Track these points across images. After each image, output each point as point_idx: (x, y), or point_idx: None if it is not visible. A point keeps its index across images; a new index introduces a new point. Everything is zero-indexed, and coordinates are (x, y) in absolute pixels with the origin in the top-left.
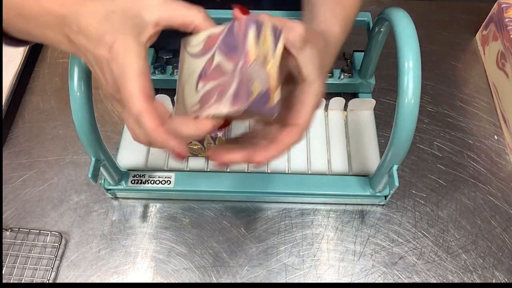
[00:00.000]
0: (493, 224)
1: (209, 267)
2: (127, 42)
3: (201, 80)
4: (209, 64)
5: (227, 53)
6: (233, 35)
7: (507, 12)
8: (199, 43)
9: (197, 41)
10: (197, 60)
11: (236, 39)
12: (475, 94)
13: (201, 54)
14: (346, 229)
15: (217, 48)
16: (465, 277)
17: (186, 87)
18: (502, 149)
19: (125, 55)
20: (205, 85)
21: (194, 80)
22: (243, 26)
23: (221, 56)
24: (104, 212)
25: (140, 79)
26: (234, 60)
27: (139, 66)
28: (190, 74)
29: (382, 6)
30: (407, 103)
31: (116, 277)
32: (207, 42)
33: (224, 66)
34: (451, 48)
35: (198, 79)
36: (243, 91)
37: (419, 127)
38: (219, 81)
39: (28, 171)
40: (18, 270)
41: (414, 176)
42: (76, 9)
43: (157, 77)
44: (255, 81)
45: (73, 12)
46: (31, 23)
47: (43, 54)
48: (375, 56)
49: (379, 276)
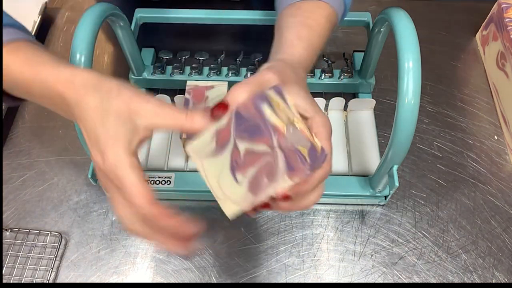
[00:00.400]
0: (493, 224)
1: (209, 267)
2: (119, 155)
3: (237, 172)
4: (235, 154)
5: (250, 137)
6: (245, 119)
7: (507, 12)
8: (208, 142)
9: (204, 141)
10: (218, 157)
11: (252, 120)
12: (475, 94)
13: (219, 150)
14: (346, 229)
15: (235, 138)
16: (465, 277)
17: (223, 186)
18: (502, 149)
19: (118, 168)
20: (245, 174)
21: (228, 175)
22: (251, 107)
23: (245, 142)
24: (104, 212)
25: (140, 187)
26: (264, 139)
27: (134, 176)
28: (220, 172)
29: (382, 6)
30: (407, 103)
31: (116, 277)
32: (219, 138)
33: (255, 149)
34: (451, 48)
35: (233, 172)
36: (294, 159)
37: (419, 127)
38: (261, 164)
39: (28, 171)
40: (18, 270)
41: (414, 176)
42: (78, 97)
43: (157, 77)
44: (299, 144)
45: (74, 100)
46: (37, 99)
47: None
48: (375, 56)
49: (379, 276)
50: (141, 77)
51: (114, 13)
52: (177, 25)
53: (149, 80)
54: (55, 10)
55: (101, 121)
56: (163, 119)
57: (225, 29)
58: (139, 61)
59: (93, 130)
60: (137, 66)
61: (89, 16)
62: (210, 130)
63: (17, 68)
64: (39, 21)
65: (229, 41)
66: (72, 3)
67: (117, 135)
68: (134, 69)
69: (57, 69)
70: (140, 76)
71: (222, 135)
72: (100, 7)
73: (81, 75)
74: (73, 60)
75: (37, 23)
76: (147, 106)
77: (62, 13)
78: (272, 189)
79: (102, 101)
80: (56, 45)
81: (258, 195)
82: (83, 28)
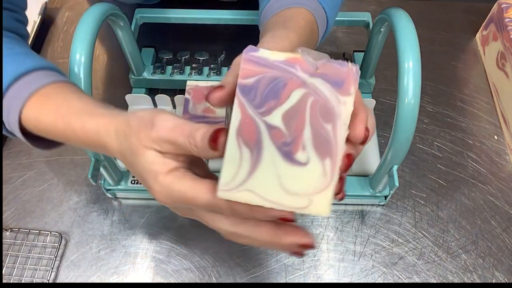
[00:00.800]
0: (493, 224)
1: (209, 267)
2: (162, 183)
3: (295, 152)
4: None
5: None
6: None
7: (507, 12)
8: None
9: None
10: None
11: (262, 79)
12: (475, 94)
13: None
14: (346, 229)
15: (261, 115)
16: (465, 277)
17: (292, 186)
18: (502, 149)
19: (170, 193)
20: (304, 144)
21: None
22: (251, 67)
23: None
24: (104, 212)
25: (198, 188)
26: (291, 83)
27: (186, 186)
28: (276, 173)
29: (382, 6)
30: (407, 103)
31: (116, 277)
32: (244, 136)
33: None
34: (451, 48)
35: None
36: (332, 73)
37: (419, 127)
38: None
39: (28, 171)
40: (18, 270)
41: (414, 176)
42: (109, 147)
43: (157, 77)
44: (321, 59)
45: (110, 149)
46: (75, 144)
47: (43, 54)
48: (375, 56)
49: (379, 276)
50: (141, 77)
51: (114, 13)
52: (177, 25)
53: (149, 80)
54: (55, 10)
55: (132, 163)
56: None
57: (225, 29)
58: (139, 61)
59: (136, 174)
60: (137, 66)
61: (89, 16)
62: (230, 141)
63: (49, 120)
64: (39, 21)
65: (229, 41)
66: (72, 3)
67: (150, 167)
68: (134, 69)
69: (86, 121)
70: (140, 76)
71: (245, 130)
72: (100, 7)
73: (104, 127)
74: (73, 60)
75: (37, 23)
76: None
77: (62, 13)
78: (342, 126)
79: (122, 145)
80: (56, 45)
81: (336, 149)
82: (83, 28)
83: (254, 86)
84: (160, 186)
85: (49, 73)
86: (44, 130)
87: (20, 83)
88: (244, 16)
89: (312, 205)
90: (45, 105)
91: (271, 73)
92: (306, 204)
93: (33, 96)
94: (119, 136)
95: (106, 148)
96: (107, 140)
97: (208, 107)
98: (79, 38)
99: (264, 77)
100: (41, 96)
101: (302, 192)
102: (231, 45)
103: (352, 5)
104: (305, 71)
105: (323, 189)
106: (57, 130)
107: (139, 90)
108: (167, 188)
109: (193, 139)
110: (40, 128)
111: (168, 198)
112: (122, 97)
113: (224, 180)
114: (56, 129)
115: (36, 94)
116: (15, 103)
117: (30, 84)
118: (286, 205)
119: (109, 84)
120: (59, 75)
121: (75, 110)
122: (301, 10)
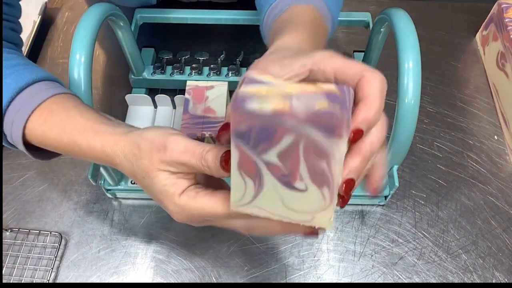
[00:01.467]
0: (493, 225)
1: (209, 267)
2: (178, 203)
3: (293, 182)
4: (274, 170)
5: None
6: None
7: (507, 12)
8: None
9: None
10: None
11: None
12: (475, 94)
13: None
14: (346, 230)
15: (257, 156)
16: (465, 277)
17: (295, 207)
18: (502, 149)
19: (186, 212)
20: (301, 176)
21: (288, 193)
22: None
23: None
24: (104, 212)
25: (214, 206)
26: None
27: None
28: (278, 198)
29: (382, 6)
30: (407, 103)
31: (116, 277)
32: (245, 171)
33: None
34: (451, 48)
35: (289, 186)
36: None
37: (419, 127)
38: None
39: (28, 171)
40: (18, 270)
41: (414, 176)
42: (118, 165)
43: (157, 77)
44: (313, 104)
45: (118, 166)
46: (83, 158)
47: (43, 54)
48: (375, 56)
49: (379, 276)
50: (141, 77)
51: (114, 13)
52: (177, 25)
53: (149, 80)
54: (55, 10)
55: (145, 184)
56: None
57: (225, 29)
58: (139, 61)
59: (150, 194)
60: (137, 66)
61: (89, 16)
62: (233, 172)
63: (54, 136)
64: (39, 21)
65: (229, 41)
66: (72, 3)
67: (164, 189)
68: (134, 69)
69: (91, 138)
70: (140, 76)
71: (245, 165)
72: (100, 7)
73: (111, 147)
74: (73, 60)
75: (37, 23)
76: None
77: (62, 13)
78: (337, 164)
79: (133, 166)
80: (56, 45)
81: (332, 181)
82: (83, 28)
83: (247, 131)
84: (176, 207)
85: (49, 84)
86: (50, 145)
87: (22, 97)
88: (244, 16)
89: (315, 220)
90: (49, 121)
91: (261, 124)
92: (310, 219)
93: (36, 110)
94: (129, 158)
95: (116, 165)
96: (116, 160)
97: (208, 107)
98: (79, 38)
99: (255, 126)
100: (44, 111)
101: (305, 211)
102: (231, 45)
103: (352, 5)
104: (294, 122)
105: (324, 209)
106: (63, 146)
107: (139, 90)
108: (184, 208)
109: (205, 161)
110: (46, 143)
111: (186, 217)
112: (122, 97)
113: (234, 198)
114: (61, 145)
115: (39, 109)
116: (19, 117)
117: (32, 98)
118: (291, 219)
119: (109, 84)
120: (59, 86)
121: (79, 127)
122: (306, 7)
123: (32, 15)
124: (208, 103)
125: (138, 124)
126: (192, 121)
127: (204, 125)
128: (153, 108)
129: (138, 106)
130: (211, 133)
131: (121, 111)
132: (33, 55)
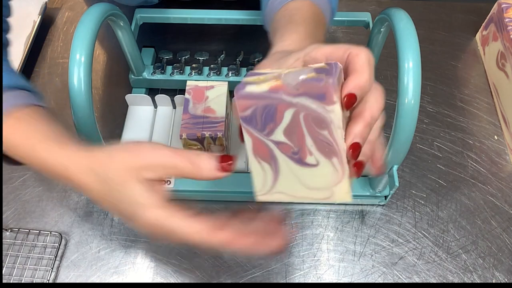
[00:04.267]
0: (493, 225)
1: (209, 267)
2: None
3: (304, 158)
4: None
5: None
6: (253, 116)
7: (507, 12)
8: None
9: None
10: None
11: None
12: (475, 94)
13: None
14: (346, 229)
15: (267, 138)
16: (465, 277)
17: (312, 183)
18: (502, 149)
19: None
20: (310, 150)
21: (302, 171)
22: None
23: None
24: (104, 212)
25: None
26: (280, 108)
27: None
28: (295, 176)
29: (382, 6)
30: (407, 103)
31: (116, 277)
32: (260, 156)
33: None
34: (451, 48)
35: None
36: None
37: (419, 127)
38: (305, 126)
39: (28, 171)
40: (18, 270)
41: (414, 176)
42: (80, 183)
43: (157, 77)
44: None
45: (78, 184)
46: (38, 170)
47: (43, 54)
48: (375, 56)
49: (379, 276)
50: (141, 77)
51: (114, 13)
52: (177, 25)
53: (149, 80)
54: (55, 10)
55: (116, 198)
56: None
57: (225, 29)
58: (139, 61)
59: (118, 207)
60: (137, 66)
61: (89, 16)
62: (251, 160)
63: (17, 141)
64: (39, 21)
65: (229, 41)
66: (72, 3)
67: (139, 199)
68: (134, 69)
69: (53, 151)
70: (140, 76)
71: (259, 150)
72: (100, 7)
73: (75, 163)
74: (73, 60)
75: (37, 23)
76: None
77: (62, 13)
78: (337, 129)
79: (103, 181)
80: (56, 45)
81: (338, 149)
82: (83, 28)
83: (252, 115)
84: (149, 219)
85: (20, 93)
86: (12, 151)
87: None
88: (244, 16)
89: (335, 195)
90: (15, 128)
91: (262, 103)
92: (329, 195)
93: (6, 115)
94: (98, 173)
95: (73, 183)
96: (79, 177)
97: (208, 107)
98: (79, 38)
99: (257, 107)
100: (13, 118)
101: (322, 187)
102: (231, 45)
103: (352, 5)
104: (289, 94)
105: (339, 181)
106: (23, 154)
107: (139, 90)
108: (157, 222)
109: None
110: (7, 146)
111: (156, 232)
112: (122, 97)
113: (257, 188)
114: (22, 152)
115: (9, 114)
116: None
117: (6, 101)
118: (312, 198)
119: (109, 84)
120: (30, 96)
121: (45, 139)
122: (305, 2)
123: (32, 15)
124: (208, 103)
125: (138, 124)
126: (192, 121)
127: (204, 125)
128: (153, 108)
129: (138, 106)
130: (211, 133)
131: (121, 111)
132: (33, 55)
